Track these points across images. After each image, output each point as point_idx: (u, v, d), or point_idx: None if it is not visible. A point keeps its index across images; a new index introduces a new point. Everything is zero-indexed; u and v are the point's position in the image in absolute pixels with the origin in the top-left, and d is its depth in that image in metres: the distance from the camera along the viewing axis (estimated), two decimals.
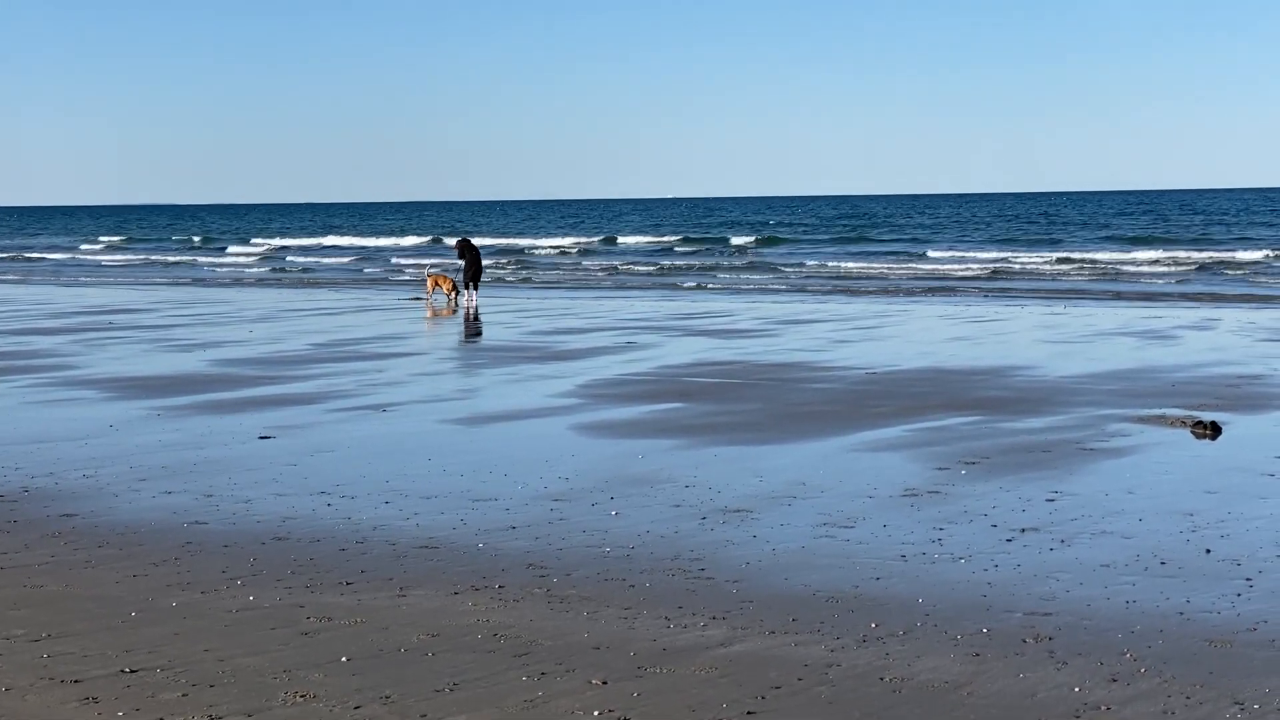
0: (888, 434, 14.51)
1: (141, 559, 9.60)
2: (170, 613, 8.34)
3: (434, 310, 33.48)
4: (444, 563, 9.47)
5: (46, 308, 35.48)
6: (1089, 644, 7.67)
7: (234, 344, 24.84)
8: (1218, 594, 8.63)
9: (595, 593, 8.72)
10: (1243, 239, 67.83)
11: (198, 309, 34.78)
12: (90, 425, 15.33)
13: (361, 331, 27.46)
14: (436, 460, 13.14)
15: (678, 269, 55.83)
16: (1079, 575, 9.05)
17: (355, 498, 11.49)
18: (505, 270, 55.06)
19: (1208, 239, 69.97)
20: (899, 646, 7.66)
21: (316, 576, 9.14)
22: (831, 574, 9.12)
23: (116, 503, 11.38)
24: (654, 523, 10.56)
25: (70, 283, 51.27)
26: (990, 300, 36.27)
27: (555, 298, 38.94)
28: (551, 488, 11.84)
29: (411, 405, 16.83)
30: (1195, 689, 6.99)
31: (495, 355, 23.11)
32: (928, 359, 21.43)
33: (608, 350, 23.23)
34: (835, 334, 26.08)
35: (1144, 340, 24.31)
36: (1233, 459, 13.03)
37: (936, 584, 8.88)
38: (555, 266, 59.67)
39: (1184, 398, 16.79)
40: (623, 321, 29.61)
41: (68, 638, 7.83)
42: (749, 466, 12.75)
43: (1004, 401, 16.73)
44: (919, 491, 11.60)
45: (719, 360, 21.54)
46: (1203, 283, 42.78)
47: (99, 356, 22.69)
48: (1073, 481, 11.99)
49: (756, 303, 36.00)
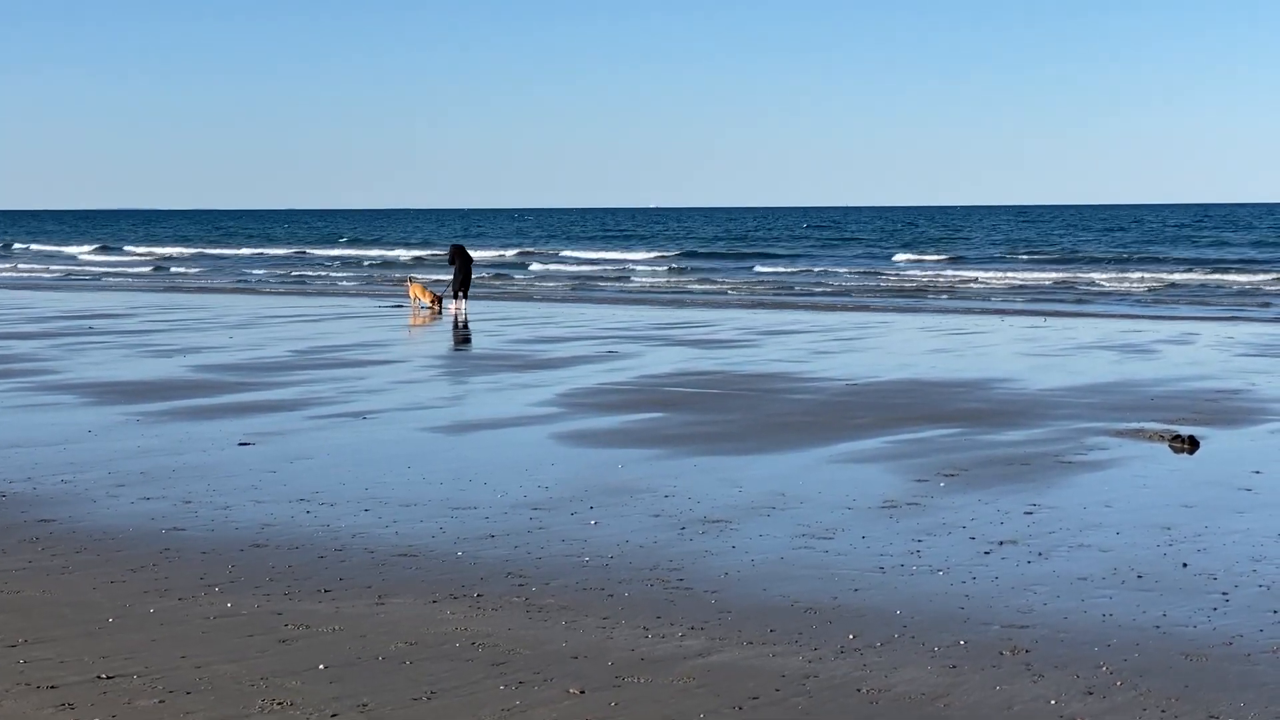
0: (867, 445, 14.54)
1: (119, 565, 9.58)
2: (147, 619, 8.32)
3: (415, 318, 33.46)
4: (423, 571, 9.46)
5: (25, 312, 35.37)
6: (1066, 656, 7.69)
7: (214, 349, 24.78)
8: (1194, 608, 8.67)
9: (574, 602, 8.73)
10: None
11: (178, 314, 34.70)
12: (69, 430, 15.29)
13: (342, 339, 27.43)
14: (416, 468, 13.13)
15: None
16: (1056, 588, 9.07)
17: (334, 505, 11.48)
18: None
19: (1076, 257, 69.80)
20: (876, 658, 7.67)
21: (295, 584, 9.13)
22: (810, 585, 9.13)
23: (94, 508, 11.34)
24: (633, 532, 10.56)
25: (49, 287, 51.12)
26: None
27: (533, 307, 38.92)
28: (531, 496, 11.84)
29: (392, 413, 16.81)
30: (1171, 702, 7.01)
31: (476, 363, 23.10)
32: (908, 370, 21.47)
33: (588, 359, 23.24)
34: (816, 345, 26.12)
35: (1123, 354, 24.39)
36: (1210, 473, 13.08)
37: (914, 596, 8.89)
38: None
39: (1162, 412, 16.85)
40: (604, 330, 29.62)
41: (44, 643, 7.81)
42: (728, 477, 12.76)
43: (983, 414, 16.77)
44: (898, 503, 11.63)
45: (700, 370, 21.56)
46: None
47: (78, 361, 22.63)
48: (1051, 494, 12.02)
49: (736, 314, 36.03)
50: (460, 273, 35.03)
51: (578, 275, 59.09)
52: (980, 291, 46.74)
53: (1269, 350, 25.27)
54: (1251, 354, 24.47)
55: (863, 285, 50.20)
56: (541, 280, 55.72)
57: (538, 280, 55.79)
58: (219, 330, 29.46)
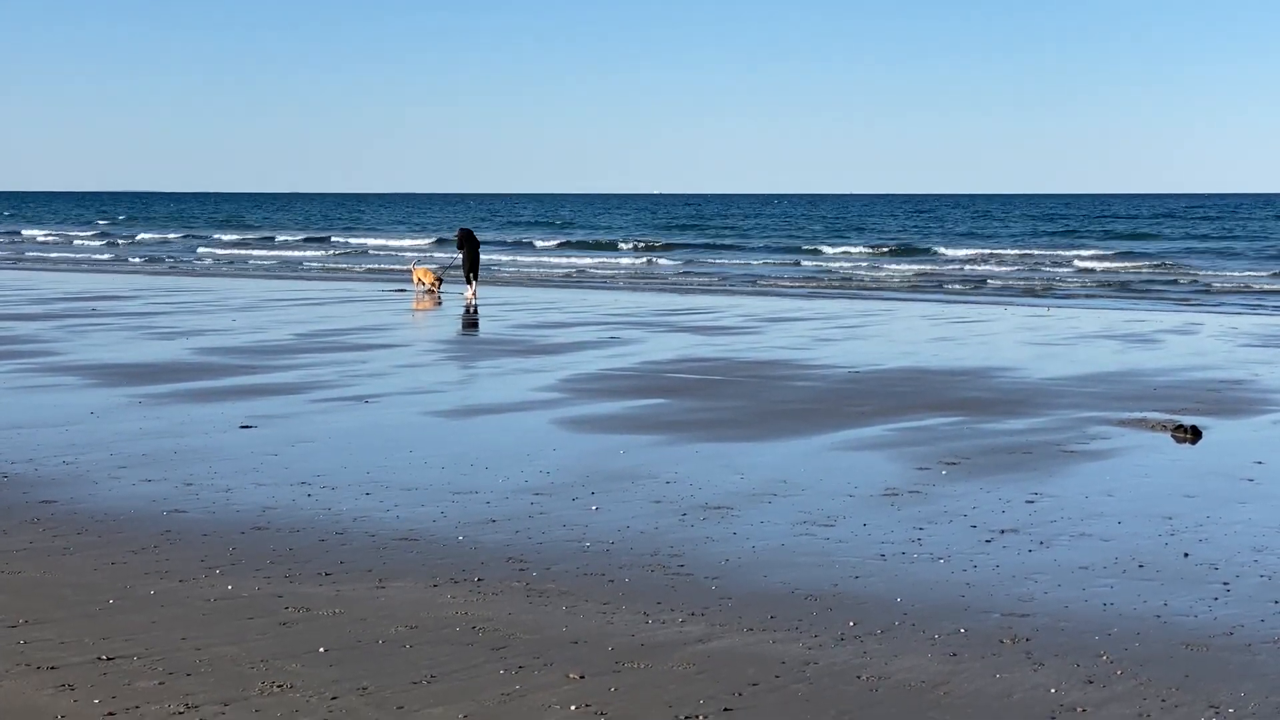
0: (869, 433, 14.53)
1: (120, 547, 9.58)
2: (148, 601, 8.32)
3: (418, 302, 33.45)
4: (423, 555, 9.46)
5: (29, 293, 35.37)
6: (1066, 645, 7.69)
7: (216, 332, 24.78)
8: (1195, 597, 8.66)
9: (574, 587, 8.72)
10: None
11: (181, 296, 34.70)
12: (71, 412, 15.29)
13: (345, 322, 27.42)
14: (418, 452, 13.12)
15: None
16: (1057, 577, 9.07)
17: (336, 488, 11.48)
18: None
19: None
20: (877, 645, 7.67)
21: (295, 567, 9.13)
22: (811, 572, 9.13)
23: (96, 490, 11.35)
24: (634, 518, 10.56)
25: (53, 268, 51.11)
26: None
27: (539, 291, 38.90)
28: (532, 481, 11.84)
29: (394, 397, 16.81)
30: (1171, 692, 7.01)
31: (479, 348, 23.10)
32: (910, 358, 21.45)
33: (591, 345, 23.23)
34: (819, 332, 26.10)
35: (1126, 343, 24.37)
36: (1212, 463, 13.07)
37: (915, 583, 8.89)
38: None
39: (1165, 401, 16.84)
40: (607, 316, 29.60)
41: (45, 624, 7.81)
42: (730, 464, 12.76)
43: (985, 402, 16.76)
44: (899, 491, 11.62)
45: (702, 357, 21.55)
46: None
47: (81, 343, 22.63)
48: (1052, 483, 12.02)
49: (740, 301, 36.00)
50: (468, 258, 34.96)
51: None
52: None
53: (1272, 341, 25.25)
54: (1255, 344, 24.44)
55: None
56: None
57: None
58: (222, 313, 29.46)
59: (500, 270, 50.72)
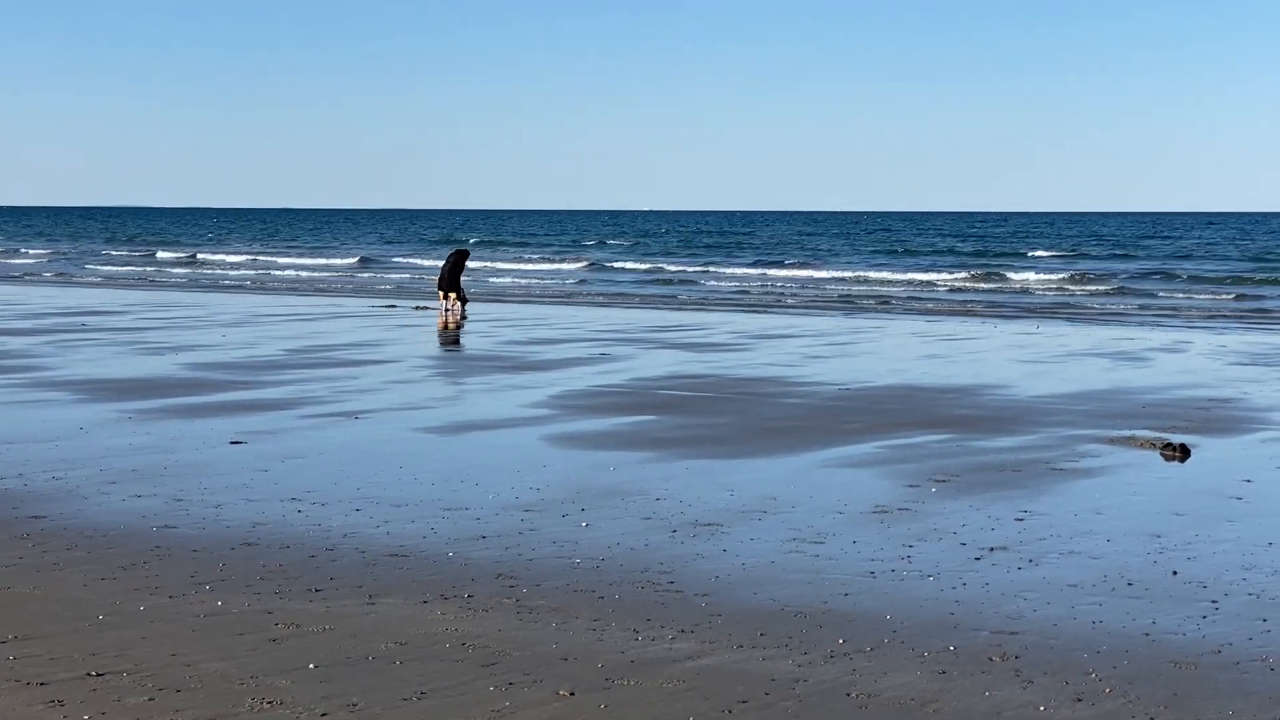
0: (859, 450, 14.55)
1: (110, 562, 9.57)
2: (138, 616, 8.31)
3: (443, 321, 32.85)
4: (413, 571, 9.46)
5: (19, 308, 35.33)
6: (1055, 663, 7.70)
7: (207, 348, 24.77)
8: (1184, 616, 8.68)
9: (564, 604, 8.73)
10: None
11: (171, 312, 34.67)
12: (60, 427, 15.27)
13: (336, 338, 27.41)
14: (408, 468, 13.13)
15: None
16: (1046, 595, 9.08)
17: (326, 504, 11.48)
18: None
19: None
20: (866, 663, 7.68)
21: (285, 583, 9.12)
22: (800, 589, 9.14)
23: (85, 505, 11.34)
24: (624, 535, 10.57)
25: (44, 283, 51.04)
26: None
27: (527, 308, 38.92)
28: (522, 498, 11.85)
29: (384, 413, 16.80)
30: (1160, 710, 7.03)
31: (469, 364, 23.10)
32: (900, 376, 21.49)
33: (581, 361, 23.24)
34: (809, 349, 26.13)
35: (1116, 361, 24.42)
36: (1201, 481, 13.10)
37: (904, 601, 8.90)
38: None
39: (1154, 419, 16.87)
40: (597, 333, 29.62)
41: (34, 640, 7.81)
42: (720, 480, 12.77)
43: (975, 420, 16.79)
44: (889, 508, 11.64)
45: (692, 373, 21.57)
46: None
47: (71, 358, 22.61)
48: (1042, 501, 12.04)
49: (730, 317, 36.04)
50: (449, 276, 35.04)
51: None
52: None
53: (1260, 359, 25.32)
54: (1244, 363, 24.50)
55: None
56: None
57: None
58: (212, 328, 29.45)
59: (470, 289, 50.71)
